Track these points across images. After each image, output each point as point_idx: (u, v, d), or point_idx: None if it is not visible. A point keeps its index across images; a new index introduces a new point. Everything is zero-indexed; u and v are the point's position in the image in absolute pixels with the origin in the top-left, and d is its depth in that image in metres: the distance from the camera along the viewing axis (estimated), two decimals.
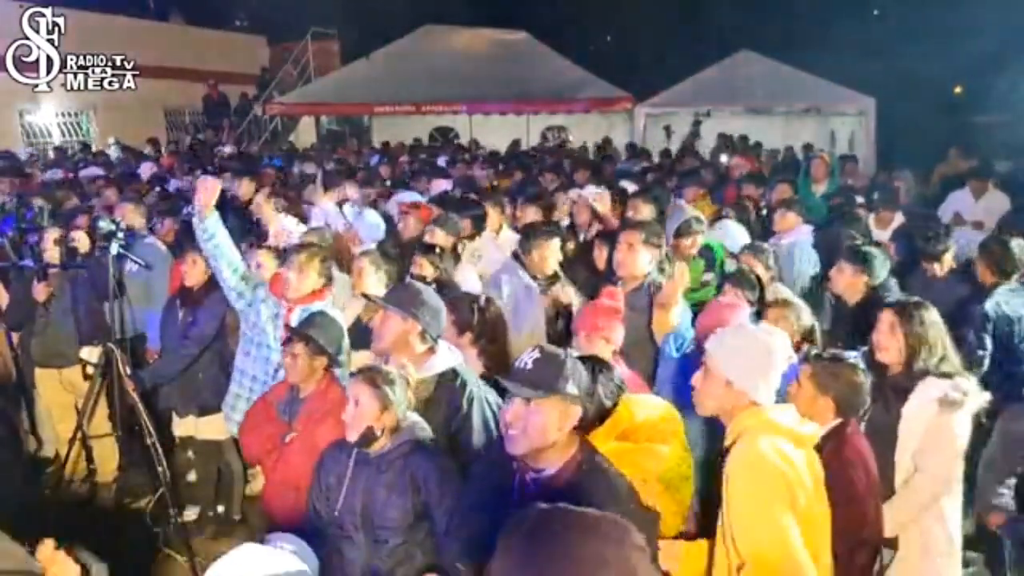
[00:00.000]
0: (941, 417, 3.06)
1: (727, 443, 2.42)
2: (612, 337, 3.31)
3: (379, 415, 2.69)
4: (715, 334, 2.58)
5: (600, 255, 4.97)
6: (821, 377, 2.81)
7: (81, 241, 4.97)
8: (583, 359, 2.79)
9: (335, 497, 2.76)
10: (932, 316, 3.25)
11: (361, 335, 3.97)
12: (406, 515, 2.67)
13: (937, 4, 17.86)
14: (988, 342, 4.25)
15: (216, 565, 1.94)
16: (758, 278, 4.32)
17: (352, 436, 2.70)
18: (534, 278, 4.48)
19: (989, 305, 4.30)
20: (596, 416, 2.68)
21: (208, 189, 3.95)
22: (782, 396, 3.41)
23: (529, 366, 2.26)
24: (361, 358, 3.80)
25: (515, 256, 4.70)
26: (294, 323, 4.01)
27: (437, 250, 4.82)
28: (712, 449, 2.78)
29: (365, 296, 3.66)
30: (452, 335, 3.60)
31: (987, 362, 4.25)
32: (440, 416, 2.93)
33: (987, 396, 3.18)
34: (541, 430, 2.22)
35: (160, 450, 4.44)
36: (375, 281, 4.27)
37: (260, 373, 4.19)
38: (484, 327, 3.65)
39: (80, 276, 4.99)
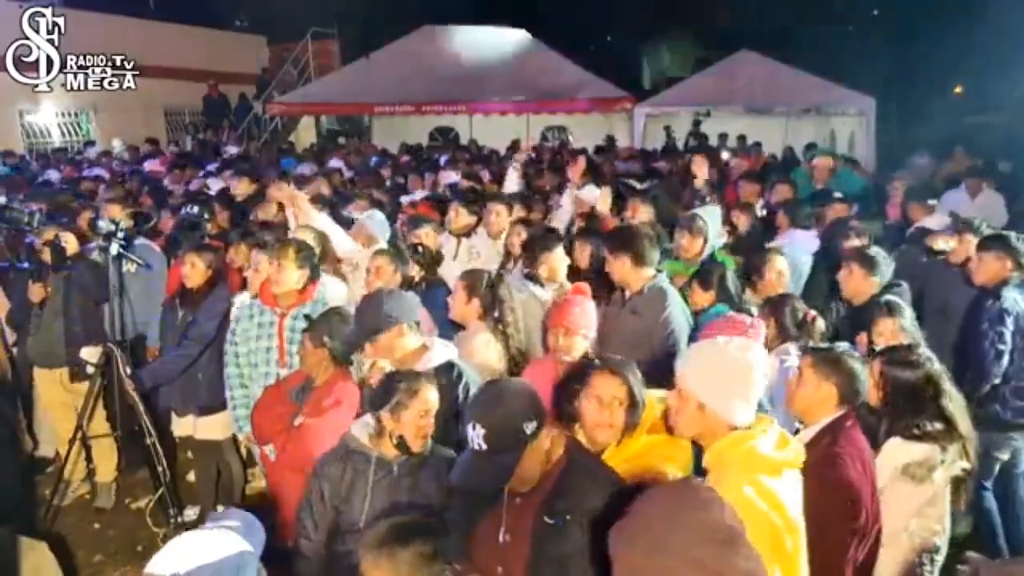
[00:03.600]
0: (898, 484, 2.95)
1: (704, 464, 2.31)
2: (589, 333, 3.41)
3: None
4: (686, 352, 2.48)
5: (582, 254, 4.93)
6: (821, 366, 2.79)
7: (70, 243, 4.94)
8: (622, 364, 2.77)
9: (358, 506, 2.69)
10: (922, 359, 3.06)
11: None
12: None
13: (937, 4, 17.87)
14: (1008, 337, 4.18)
15: (154, 558, 1.91)
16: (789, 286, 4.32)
17: (420, 445, 2.68)
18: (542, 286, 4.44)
19: (1008, 301, 4.22)
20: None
21: None
22: (768, 405, 3.42)
23: (484, 446, 2.13)
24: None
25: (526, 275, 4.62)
26: (287, 329, 4.03)
27: (420, 249, 4.84)
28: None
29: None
30: (462, 299, 3.82)
31: (1007, 359, 4.18)
32: (440, 406, 2.94)
33: (965, 464, 2.99)
34: (535, 466, 2.22)
35: (160, 450, 4.45)
36: (391, 281, 4.25)
37: (255, 388, 4.13)
38: (493, 299, 3.76)
39: (74, 277, 4.99)
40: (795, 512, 2.19)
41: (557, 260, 4.49)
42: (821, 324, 3.84)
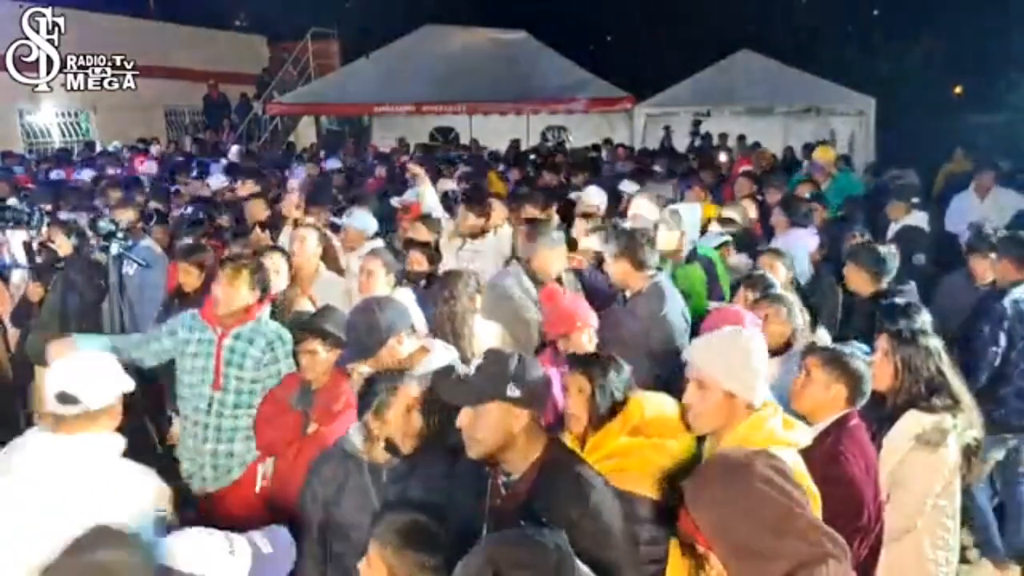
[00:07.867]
0: (914, 454, 2.98)
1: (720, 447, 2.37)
2: (590, 322, 3.51)
3: None
4: (697, 345, 2.58)
5: (586, 252, 4.93)
6: (830, 366, 2.82)
7: (60, 244, 4.91)
8: (591, 357, 2.81)
9: (348, 509, 2.66)
10: (930, 343, 3.14)
11: None
12: None
13: (937, 4, 17.87)
14: (1002, 339, 4.21)
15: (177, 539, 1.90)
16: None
17: (410, 446, 2.65)
18: (540, 282, 4.31)
19: (1007, 301, 4.25)
20: (608, 411, 2.70)
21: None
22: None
23: (472, 373, 2.27)
24: None
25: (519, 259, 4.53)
26: (226, 350, 3.66)
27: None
28: None
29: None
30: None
31: (999, 360, 4.21)
32: (440, 407, 2.93)
33: (975, 433, 3.07)
34: (491, 432, 2.21)
35: (160, 450, 4.43)
36: (383, 284, 4.20)
37: (190, 410, 3.78)
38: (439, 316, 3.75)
39: (67, 277, 4.99)
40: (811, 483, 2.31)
41: (550, 256, 4.35)
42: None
